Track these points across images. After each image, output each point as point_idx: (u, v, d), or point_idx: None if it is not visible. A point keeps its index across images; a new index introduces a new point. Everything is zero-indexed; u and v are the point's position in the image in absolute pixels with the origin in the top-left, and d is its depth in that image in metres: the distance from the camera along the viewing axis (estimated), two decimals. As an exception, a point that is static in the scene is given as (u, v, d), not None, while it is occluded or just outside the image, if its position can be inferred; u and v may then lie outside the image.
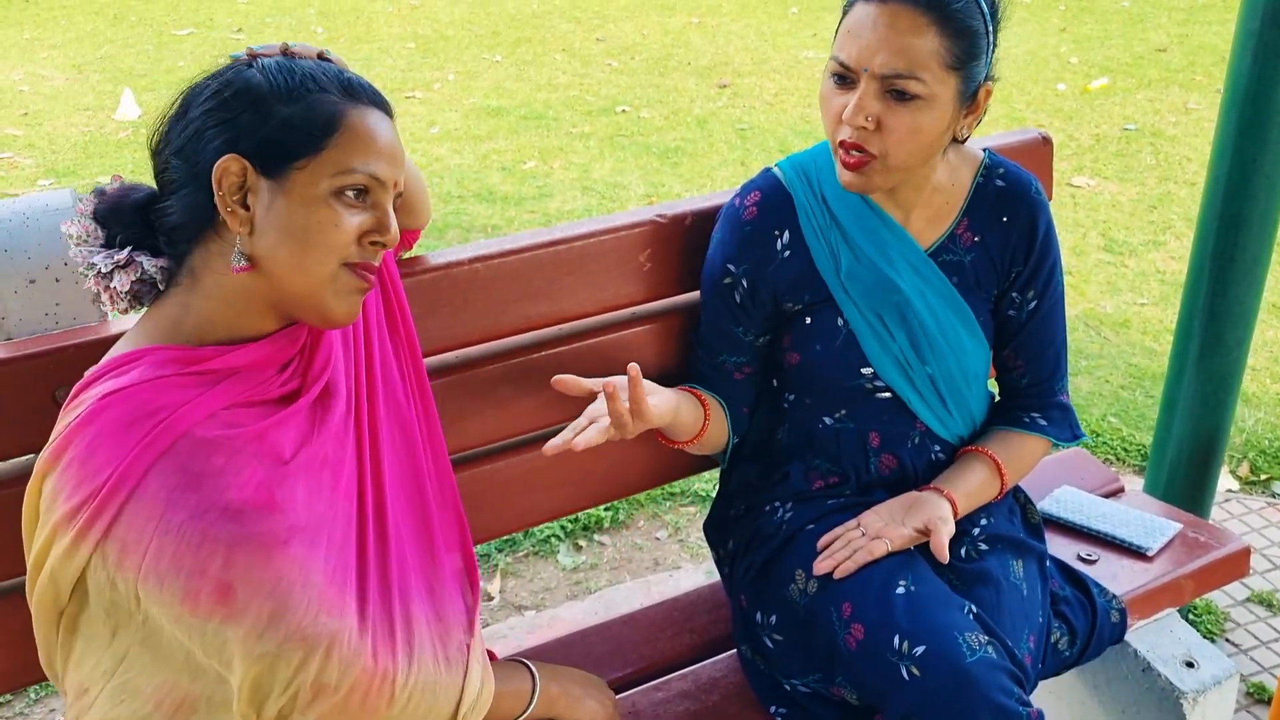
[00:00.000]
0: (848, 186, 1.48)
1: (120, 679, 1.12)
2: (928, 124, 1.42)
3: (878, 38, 1.38)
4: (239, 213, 1.12)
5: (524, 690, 1.39)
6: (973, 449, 1.63)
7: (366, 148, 1.14)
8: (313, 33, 8.18)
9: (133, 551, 1.05)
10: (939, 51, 1.39)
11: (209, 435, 1.09)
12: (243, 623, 1.07)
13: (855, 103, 1.40)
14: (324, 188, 1.12)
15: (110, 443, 1.06)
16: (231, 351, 1.16)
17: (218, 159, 1.11)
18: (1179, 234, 4.68)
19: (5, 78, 6.95)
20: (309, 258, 1.13)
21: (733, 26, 8.44)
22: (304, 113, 1.13)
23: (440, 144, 5.81)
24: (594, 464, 1.72)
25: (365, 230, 1.15)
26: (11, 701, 2.31)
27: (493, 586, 2.68)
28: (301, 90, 1.14)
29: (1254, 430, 3.28)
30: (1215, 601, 2.58)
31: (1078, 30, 8.08)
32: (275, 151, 1.12)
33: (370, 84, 1.21)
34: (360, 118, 1.15)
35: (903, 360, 1.57)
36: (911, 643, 1.38)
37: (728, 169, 5.47)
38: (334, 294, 1.16)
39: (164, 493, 1.05)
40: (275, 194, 1.12)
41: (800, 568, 1.53)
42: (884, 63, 1.38)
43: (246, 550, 1.07)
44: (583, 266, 1.63)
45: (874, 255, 1.55)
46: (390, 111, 1.22)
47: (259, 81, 1.13)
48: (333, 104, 1.14)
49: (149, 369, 1.11)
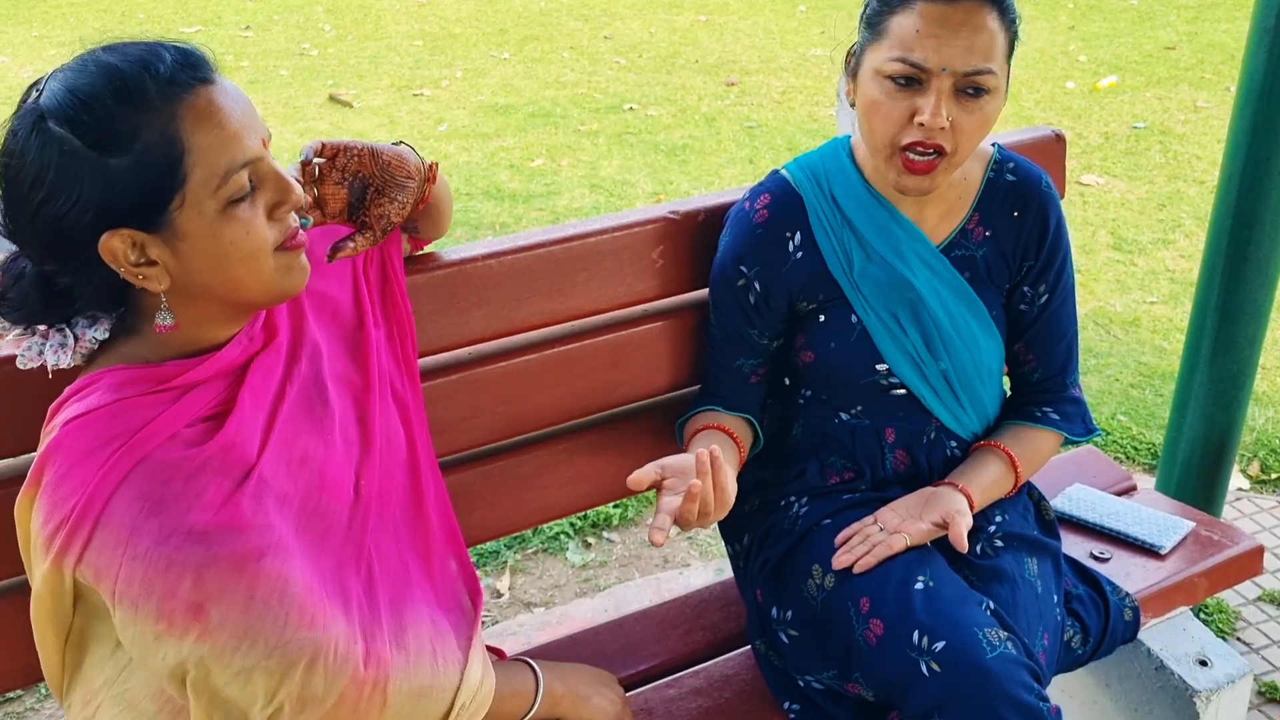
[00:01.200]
0: (910, 190, 1.47)
1: (120, 687, 1.12)
2: (992, 115, 1.44)
3: (957, 36, 1.38)
4: (151, 272, 1.06)
5: (527, 691, 1.37)
6: (986, 444, 1.63)
7: (222, 143, 1.04)
8: (320, 30, 8.19)
9: (105, 576, 1.04)
10: (1001, 41, 1.42)
11: (168, 458, 1.07)
12: (218, 640, 1.06)
13: (934, 104, 1.39)
14: (212, 209, 1.05)
15: (75, 471, 1.05)
16: (193, 366, 1.13)
17: (95, 240, 1.03)
18: (1188, 232, 4.66)
19: (14, 75, 6.96)
20: (241, 271, 1.08)
21: (740, 24, 8.43)
22: (139, 156, 1.01)
23: (448, 141, 5.81)
24: (606, 462, 1.72)
25: (269, 210, 1.09)
26: (22, 697, 2.32)
27: (502, 583, 2.68)
28: (117, 128, 1.01)
29: (1265, 429, 3.27)
30: (1227, 600, 2.57)
31: (1086, 28, 8.06)
32: (142, 207, 1.02)
33: (169, 53, 1.05)
34: (194, 117, 1.03)
35: (916, 356, 1.56)
36: (931, 638, 1.38)
37: (735, 167, 5.46)
38: (281, 278, 1.12)
39: (128, 520, 1.04)
40: (171, 241, 1.05)
41: (817, 563, 1.53)
42: (966, 60, 1.38)
43: (216, 571, 1.05)
44: (595, 263, 1.63)
45: (887, 253, 1.55)
46: (208, 65, 1.07)
47: (69, 140, 1.00)
48: (159, 126, 1.01)
49: (108, 391, 1.08)
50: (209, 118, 1.04)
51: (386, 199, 1.27)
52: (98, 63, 1.04)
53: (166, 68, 1.03)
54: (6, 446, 1.31)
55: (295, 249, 1.12)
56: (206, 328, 1.14)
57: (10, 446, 1.31)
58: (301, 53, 7.60)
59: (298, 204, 1.11)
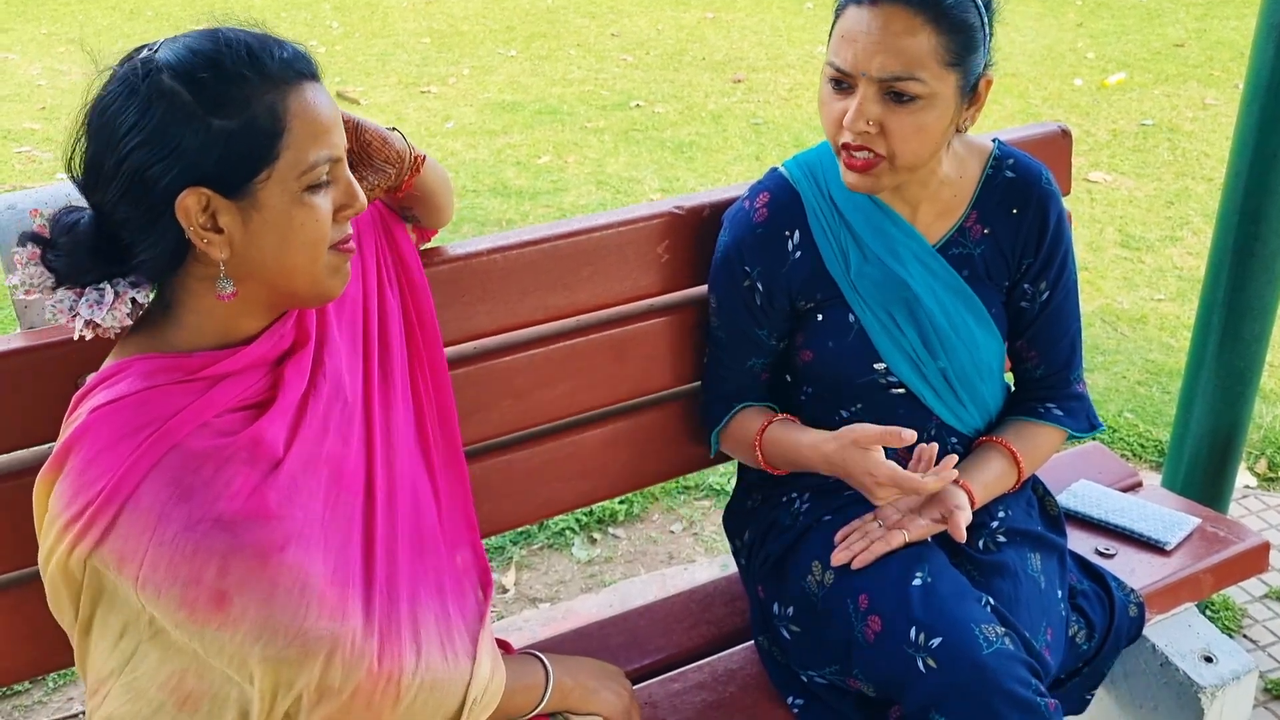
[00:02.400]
0: (853, 187, 1.47)
1: (128, 677, 1.13)
2: (930, 122, 1.41)
3: (872, 41, 1.37)
4: (215, 239, 1.08)
5: (537, 685, 1.38)
6: (988, 440, 1.63)
7: (316, 134, 1.09)
8: (328, 27, 8.20)
9: (130, 561, 1.05)
10: (936, 50, 1.38)
11: (199, 446, 1.09)
12: (239, 629, 1.07)
13: (855, 108, 1.40)
14: (292, 189, 1.09)
15: (104, 456, 1.06)
16: (223, 358, 1.14)
17: (175, 196, 1.05)
18: (1196, 229, 4.65)
19: (24, 72, 6.98)
20: (300, 258, 1.11)
21: (747, 21, 8.42)
22: (245, 124, 1.06)
23: (455, 139, 5.82)
24: (611, 456, 1.73)
25: (336, 209, 1.13)
26: (30, 690, 2.33)
27: (507, 579, 2.69)
28: (232, 94, 1.05)
29: (1272, 427, 3.26)
30: (1233, 597, 2.57)
31: (1094, 25, 8.04)
32: (230, 173, 1.06)
33: (288, 45, 1.12)
34: (300, 104, 1.09)
35: (914, 355, 1.56)
36: (928, 635, 1.38)
37: (742, 164, 5.46)
38: (328, 276, 1.15)
39: (157, 506, 1.05)
40: (246, 211, 1.08)
41: (817, 559, 1.53)
42: (881, 66, 1.37)
43: (241, 559, 1.07)
44: (600, 258, 1.63)
45: (882, 253, 1.55)
46: (314, 68, 1.14)
47: (182, 94, 1.04)
48: (269, 101, 1.07)
49: (138, 379, 1.10)
50: (310, 109, 1.09)
51: (356, 175, 1.27)
52: (223, 33, 1.09)
53: (287, 52, 1.10)
54: (13, 439, 1.32)
55: (347, 253, 1.16)
56: (243, 317, 1.16)
57: (33, 435, 1.32)
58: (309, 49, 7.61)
59: (360, 211, 1.16)
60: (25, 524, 1.16)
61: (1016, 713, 1.33)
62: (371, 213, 1.39)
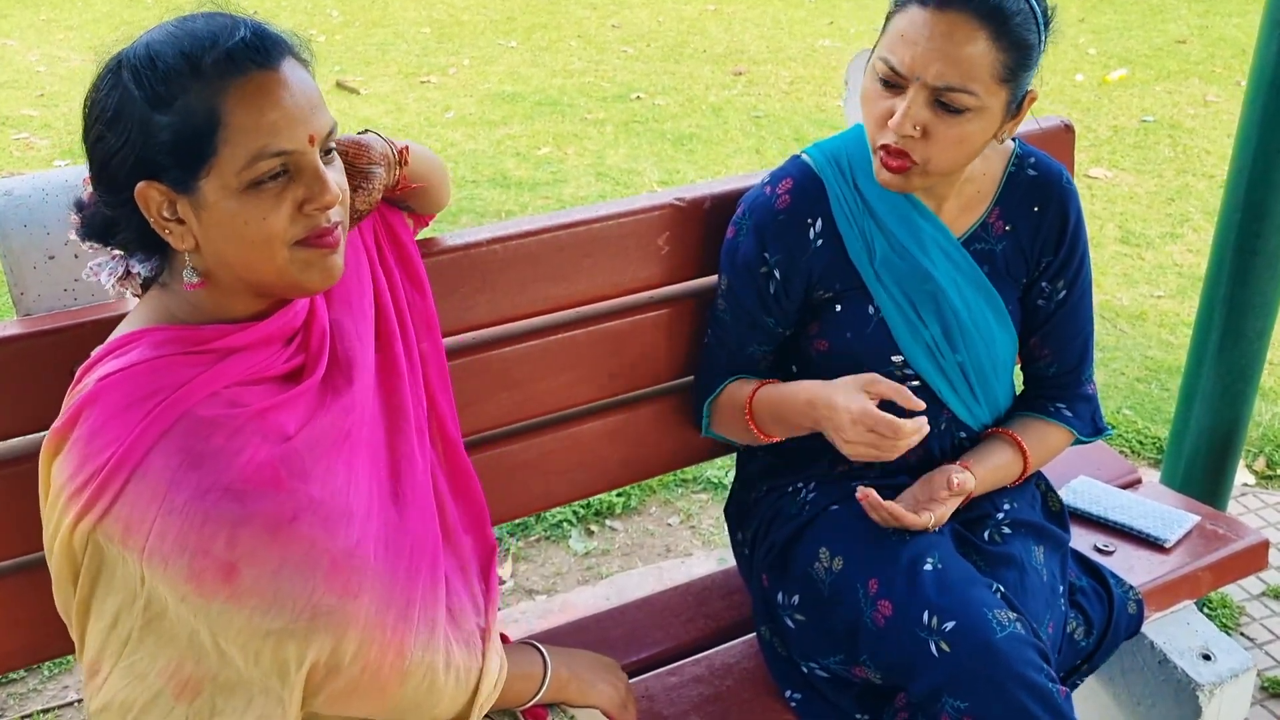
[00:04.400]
0: (885, 185, 1.47)
1: (127, 661, 1.12)
2: (974, 134, 1.40)
3: (933, 47, 1.34)
4: (177, 229, 1.09)
5: (535, 674, 1.38)
6: (997, 431, 1.63)
7: (260, 129, 1.06)
8: (328, 17, 8.17)
9: (136, 531, 1.05)
10: (993, 64, 1.36)
11: (210, 414, 1.08)
12: (247, 602, 1.07)
13: (904, 111, 1.37)
14: (232, 186, 1.07)
15: (113, 423, 1.06)
16: (234, 331, 1.15)
17: (133, 187, 1.07)
18: (1197, 227, 4.65)
19: (22, 59, 6.96)
20: (253, 254, 1.10)
21: (748, 14, 8.41)
22: (181, 118, 1.05)
23: (455, 129, 5.80)
24: (609, 448, 1.72)
25: (299, 204, 1.10)
26: (25, 678, 2.32)
27: (504, 570, 2.69)
28: (171, 89, 1.05)
29: (1271, 425, 3.26)
30: (1230, 596, 2.57)
31: (1096, 21, 8.02)
32: (175, 167, 1.06)
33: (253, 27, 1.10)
34: (242, 96, 1.06)
35: (934, 348, 1.56)
36: (941, 618, 1.38)
37: (742, 157, 5.44)
38: (299, 272, 1.13)
39: (166, 473, 1.05)
40: (197, 207, 1.08)
41: (825, 546, 1.53)
42: (938, 74, 1.35)
43: (251, 529, 1.07)
44: (600, 249, 1.62)
45: (908, 243, 1.54)
46: (279, 52, 1.10)
47: (131, 89, 1.06)
48: (207, 95, 1.05)
49: (149, 349, 1.10)
50: (254, 101, 1.06)
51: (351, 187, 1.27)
52: (182, 24, 1.09)
53: (233, 44, 1.06)
54: (10, 426, 1.31)
55: (321, 248, 1.13)
56: (232, 300, 1.16)
57: (30, 422, 1.31)
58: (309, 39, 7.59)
59: (330, 204, 1.12)
60: (22, 511, 1.16)
61: (1029, 696, 1.32)
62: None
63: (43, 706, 2.25)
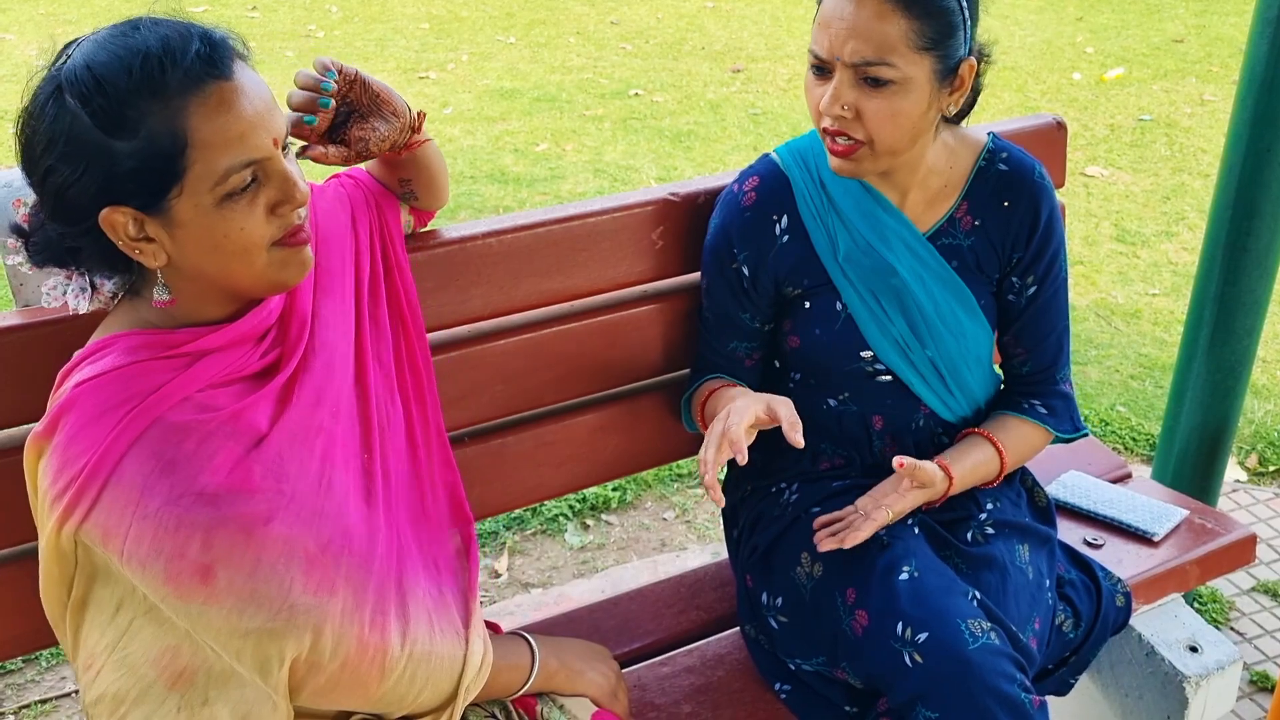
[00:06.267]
0: (838, 171, 1.49)
1: (121, 653, 1.13)
2: (906, 107, 1.42)
3: (846, 27, 1.38)
4: (148, 248, 1.09)
5: (523, 665, 1.38)
6: (973, 430, 1.63)
7: (228, 142, 1.05)
8: (328, 12, 8.17)
9: (114, 536, 1.06)
10: (907, 35, 1.38)
11: (181, 420, 1.09)
12: (224, 603, 1.08)
13: (831, 92, 1.41)
14: (207, 202, 1.06)
15: (87, 430, 1.07)
16: (207, 333, 1.15)
17: (96, 213, 1.05)
18: (1192, 225, 4.66)
19: (21, 53, 6.96)
20: (233, 264, 1.11)
21: (747, 11, 8.41)
22: (145, 144, 1.02)
23: (453, 125, 5.81)
24: (602, 442, 1.73)
25: (271, 207, 1.10)
26: (23, 669, 2.34)
27: (500, 564, 2.70)
28: (129, 114, 1.02)
29: (1263, 422, 3.28)
30: (1220, 590, 2.59)
31: (1094, 19, 8.03)
32: (143, 190, 1.04)
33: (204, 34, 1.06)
34: (205, 112, 1.04)
35: (902, 343, 1.57)
36: (914, 629, 1.39)
37: (740, 154, 5.45)
38: (278, 272, 1.14)
39: (139, 479, 1.06)
40: (169, 225, 1.07)
41: (806, 550, 1.54)
42: (853, 51, 1.38)
43: (225, 532, 1.08)
44: (595, 243, 1.64)
45: (871, 237, 1.55)
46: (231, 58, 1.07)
47: (81, 117, 1.02)
48: (167, 117, 1.02)
49: (122, 355, 1.11)
50: (218, 115, 1.04)
51: (369, 125, 1.29)
52: (123, 40, 1.04)
53: (188, 59, 1.03)
54: (25, 413, 1.33)
55: (295, 245, 1.14)
56: (207, 305, 1.17)
57: (29, 413, 1.32)
58: (308, 34, 7.59)
59: (303, 203, 1.12)
60: (20, 499, 1.16)
61: (1001, 708, 1.34)
62: (365, 192, 1.40)
63: (40, 697, 2.27)
